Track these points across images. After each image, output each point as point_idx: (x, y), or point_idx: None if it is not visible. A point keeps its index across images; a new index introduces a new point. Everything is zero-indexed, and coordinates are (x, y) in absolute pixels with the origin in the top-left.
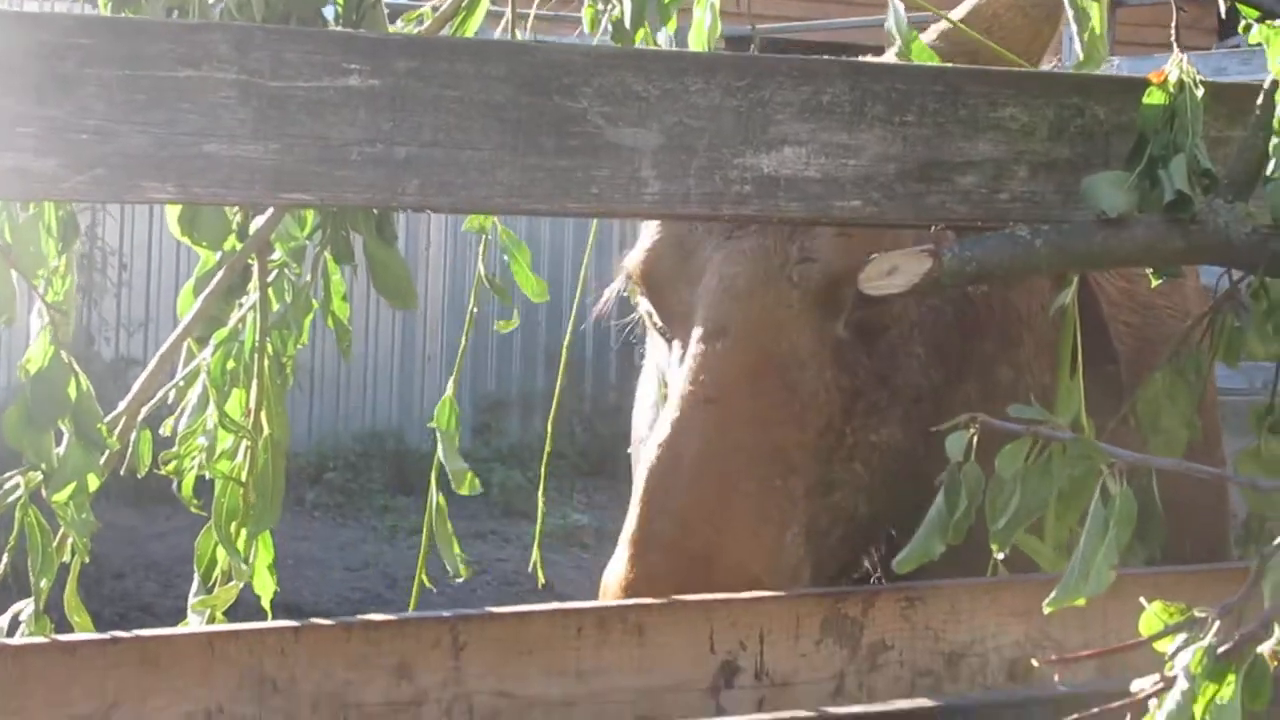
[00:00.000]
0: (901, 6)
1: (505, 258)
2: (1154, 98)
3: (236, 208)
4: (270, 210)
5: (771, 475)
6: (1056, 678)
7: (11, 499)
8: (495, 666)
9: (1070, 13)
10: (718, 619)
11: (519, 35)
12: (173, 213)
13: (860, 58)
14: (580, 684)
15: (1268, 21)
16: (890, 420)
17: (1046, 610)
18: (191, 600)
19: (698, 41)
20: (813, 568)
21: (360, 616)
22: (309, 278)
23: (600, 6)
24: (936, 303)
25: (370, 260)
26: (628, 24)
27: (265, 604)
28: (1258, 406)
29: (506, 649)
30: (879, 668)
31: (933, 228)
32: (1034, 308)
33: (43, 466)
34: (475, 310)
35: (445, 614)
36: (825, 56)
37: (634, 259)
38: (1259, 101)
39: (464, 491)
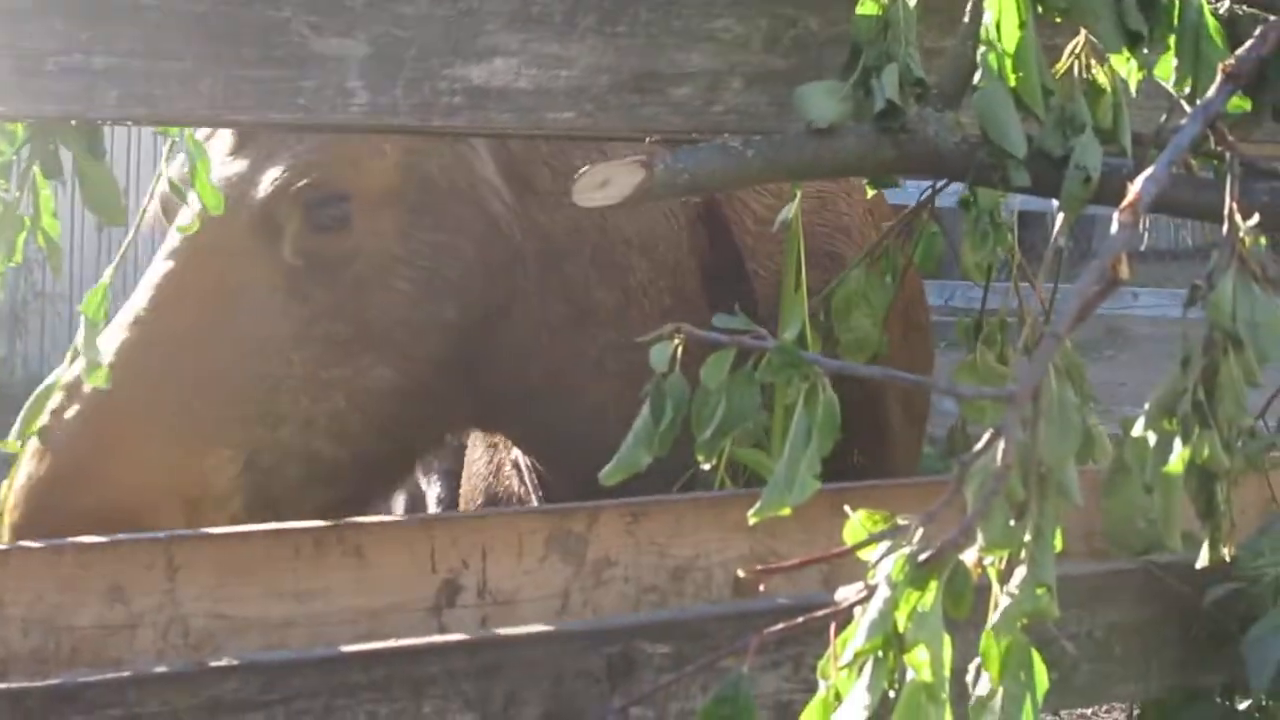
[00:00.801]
0: None
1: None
2: (867, 8)
3: None
4: None
5: (193, 398)
6: (762, 588)
7: None
8: (211, 588)
9: None
10: (439, 538)
11: None
12: None
13: None
14: (299, 605)
15: None
16: (363, 357)
17: (752, 520)
18: None
19: None
20: (256, 501)
21: (71, 539)
22: (18, 194)
23: None
24: (444, 237)
25: (80, 176)
26: None
27: None
28: (965, 321)
29: (223, 570)
30: (604, 584)
31: (646, 139)
32: (654, 232)
33: None
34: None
35: (160, 535)
36: None
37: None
38: (967, 9)
39: (95, 383)
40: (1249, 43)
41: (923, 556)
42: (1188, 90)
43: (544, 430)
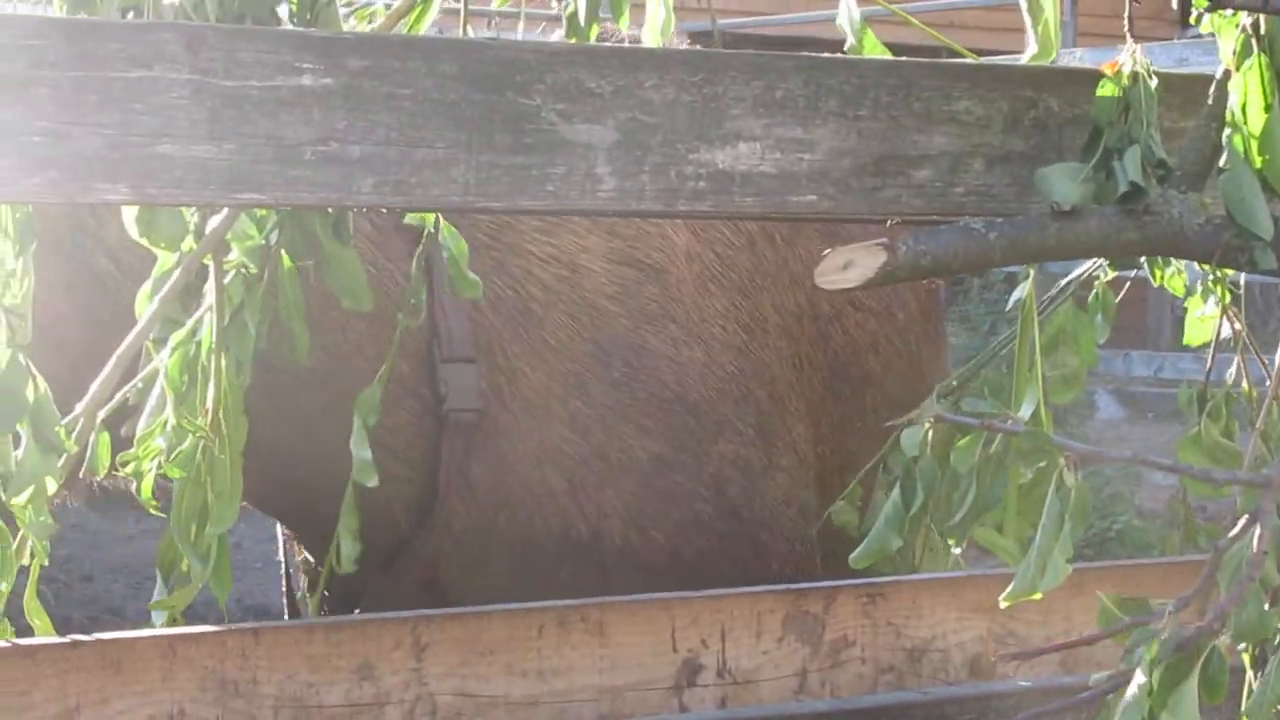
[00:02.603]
0: (854, 2)
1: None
2: (1107, 89)
3: (193, 208)
4: (226, 210)
5: None
6: (1017, 672)
7: None
8: (457, 667)
9: (1024, 3)
10: (679, 617)
11: (473, 33)
12: (130, 213)
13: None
14: (542, 683)
15: (1218, 10)
16: None
17: (1003, 605)
18: (152, 601)
19: (651, 36)
20: None
21: (322, 618)
22: (265, 278)
23: (555, 4)
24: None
25: (327, 260)
26: (581, 19)
27: (222, 604)
28: (1188, 391)
29: (468, 649)
30: (841, 664)
31: (888, 222)
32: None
33: (0, 469)
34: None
35: (406, 614)
36: (779, 53)
37: None
38: (1211, 91)
39: (364, 482)
40: None
41: (1179, 643)
42: None
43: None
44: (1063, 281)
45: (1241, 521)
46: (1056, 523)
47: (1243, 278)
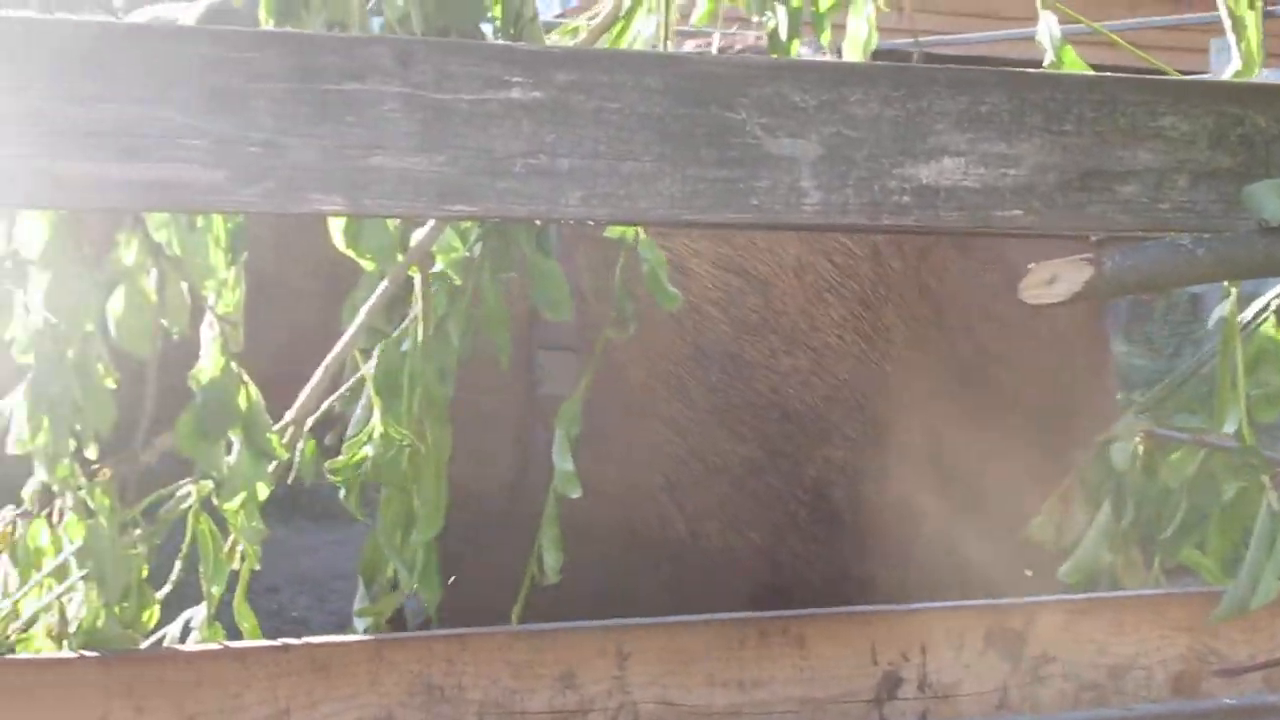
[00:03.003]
0: (1054, 18)
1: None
2: None
3: (395, 220)
4: (431, 222)
5: None
6: (1221, 691)
7: (184, 506)
8: (659, 676)
9: (1228, 22)
10: (880, 630)
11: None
12: (336, 226)
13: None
14: (743, 694)
15: None
16: None
17: (1212, 623)
18: (356, 608)
19: (853, 53)
20: None
21: (526, 625)
22: (469, 289)
23: (755, 19)
24: None
25: (531, 271)
26: (783, 35)
27: (431, 612)
28: None
29: (669, 658)
30: (1042, 680)
31: (1092, 238)
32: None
33: (214, 475)
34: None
35: (609, 623)
36: (984, 68)
37: None
38: None
39: (567, 493)
40: None
41: None
42: None
43: None
44: (1262, 300)
45: None
46: (1268, 540)
47: None
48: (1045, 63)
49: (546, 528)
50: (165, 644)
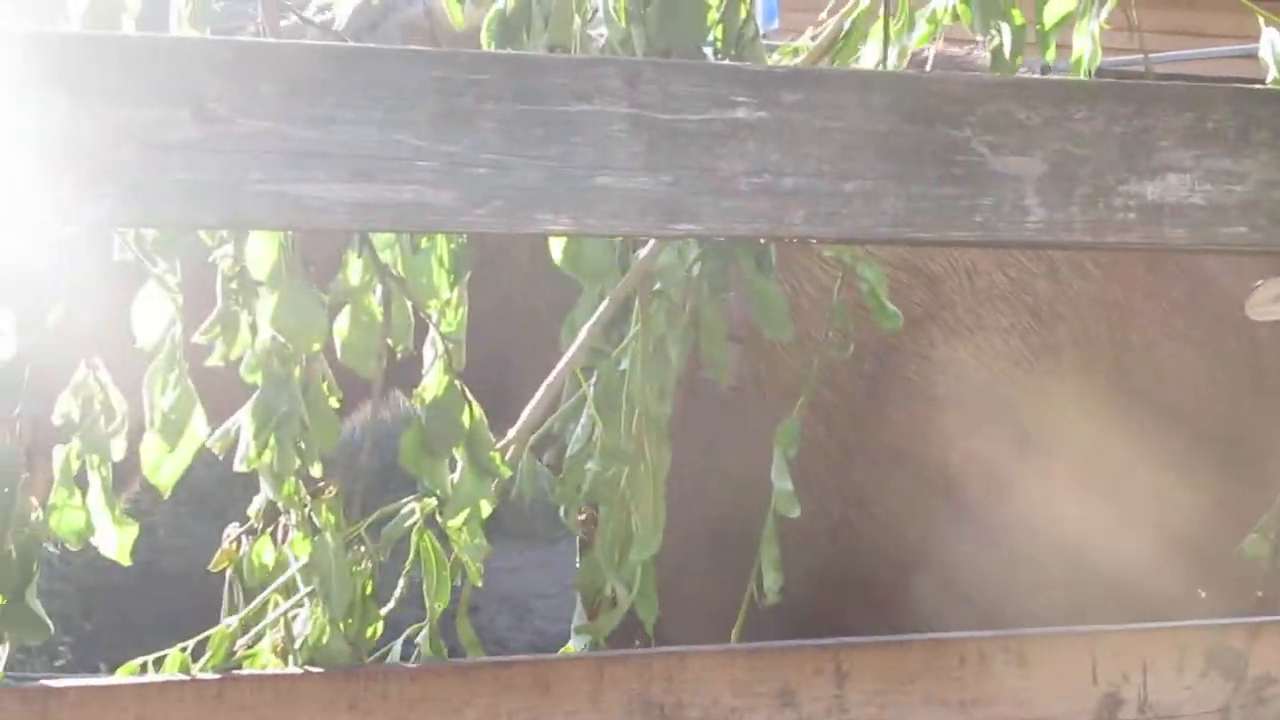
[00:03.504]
0: (1277, 34)
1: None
2: None
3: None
4: (651, 242)
5: None
6: None
7: (408, 524)
8: (876, 694)
9: None
10: (1100, 650)
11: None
12: (556, 246)
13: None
14: (963, 713)
15: None
16: None
17: None
18: (574, 625)
19: (1077, 70)
20: None
21: (745, 644)
22: (687, 308)
23: (979, 38)
24: None
25: (750, 290)
26: (1006, 53)
27: (648, 629)
28: None
29: (888, 677)
30: (1265, 701)
31: None
32: None
33: (438, 492)
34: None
35: (827, 641)
36: (1210, 85)
37: None
38: None
39: (786, 513)
40: None
41: None
42: None
43: None
44: None
45: None
46: None
47: None
48: (1269, 79)
49: (766, 547)
50: (389, 660)
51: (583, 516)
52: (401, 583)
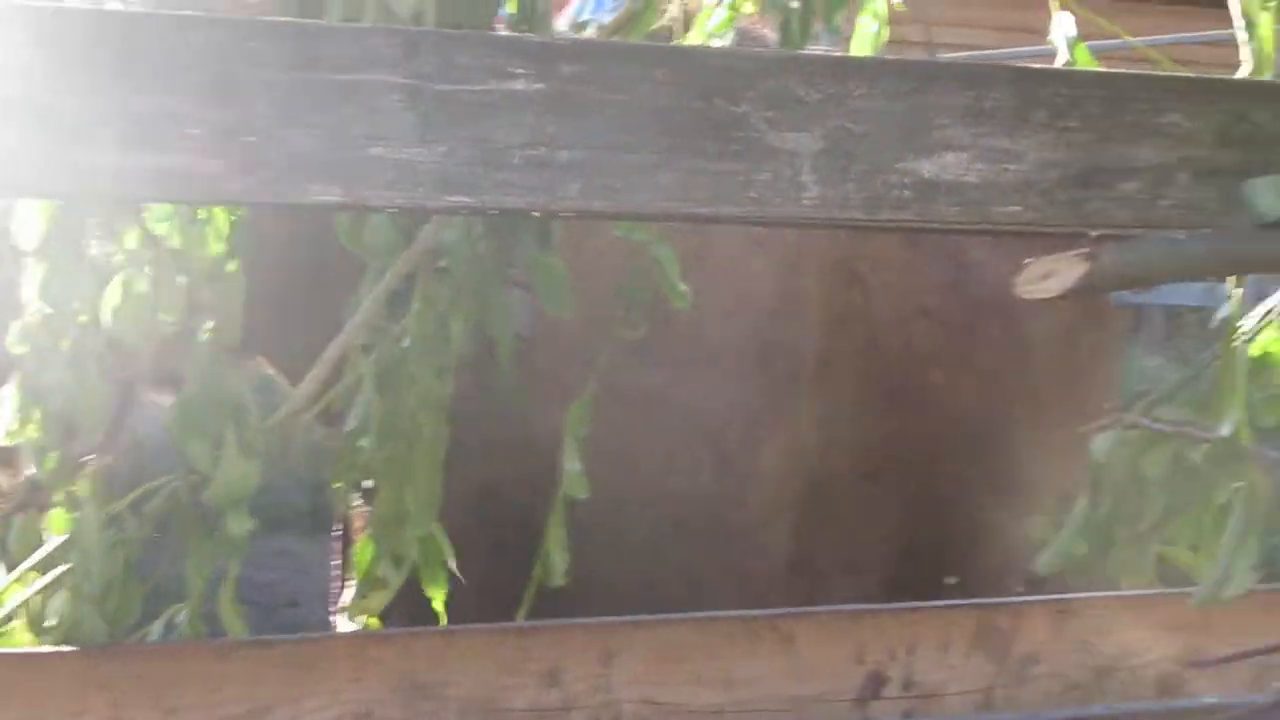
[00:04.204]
0: (1070, 18)
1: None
2: None
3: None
4: (434, 218)
5: None
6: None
7: (171, 501)
8: (643, 675)
9: (1239, 21)
10: (867, 629)
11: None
12: (340, 223)
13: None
14: (728, 692)
15: None
16: None
17: (1192, 608)
18: (346, 604)
19: (861, 48)
20: None
21: (512, 623)
22: (469, 284)
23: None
24: None
25: (533, 267)
26: (794, 28)
27: (437, 606)
28: None
29: (656, 657)
30: (1027, 680)
31: (1092, 234)
32: None
33: (201, 469)
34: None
35: (598, 620)
36: (990, 63)
37: None
38: None
39: (574, 494)
40: None
41: None
42: None
43: None
44: (1268, 302)
45: None
46: (1241, 532)
47: None
48: (1059, 62)
49: (553, 529)
50: (147, 640)
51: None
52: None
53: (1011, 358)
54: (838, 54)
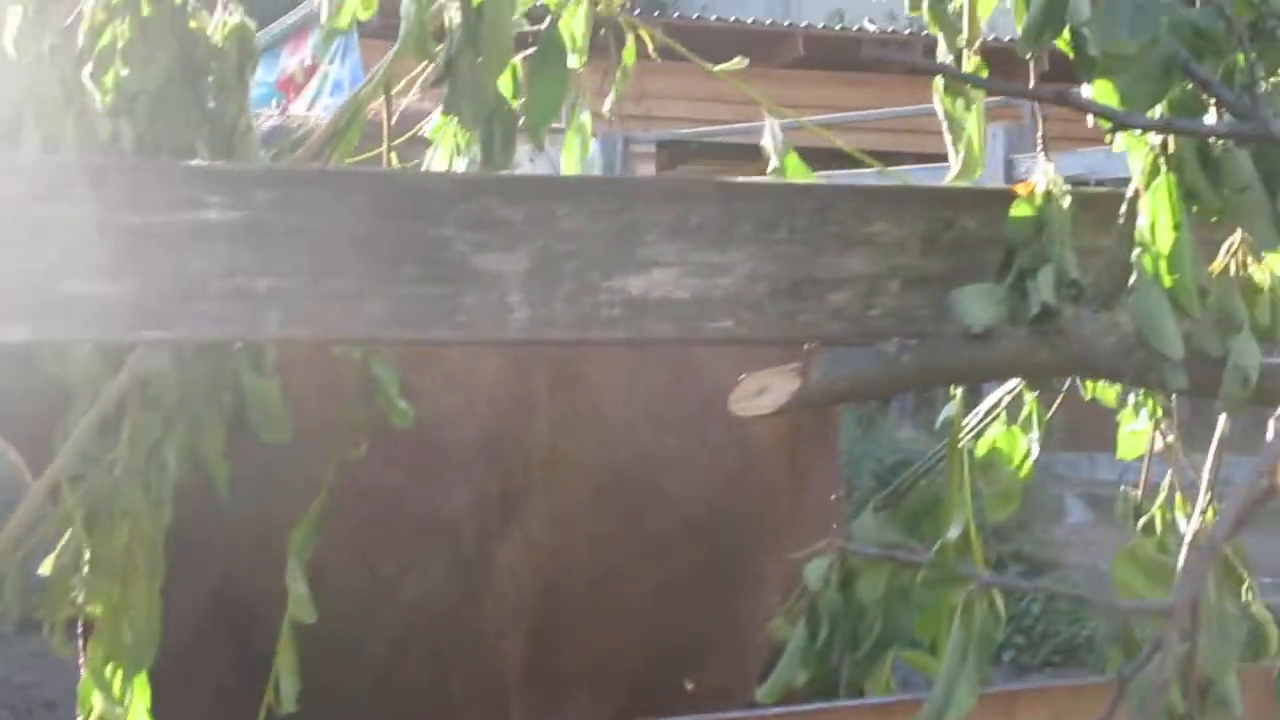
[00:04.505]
0: (777, 125)
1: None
2: (1021, 209)
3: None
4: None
5: None
6: None
7: None
8: None
9: (944, 124)
10: None
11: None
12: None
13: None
14: None
15: (1125, 129)
16: None
17: None
18: None
19: (569, 164)
20: None
21: None
22: (182, 410)
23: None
24: None
25: (245, 392)
26: (496, 147)
27: None
28: (1124, 506)
29: None
30: None
31: (805, 346)
32: None
33: None
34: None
35: None
36: (695, 176)
37: None
38: (1122, 210)
39: (300, 619)
40: None
41: None
42: None
43: None
44: (991, 399)
45: (1146, 647)
46: (961, 653)
47: None
48: (769, 169)
49: (283, 654)
50: None
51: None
52: None
53: (741, 455)
54: (540, 174)
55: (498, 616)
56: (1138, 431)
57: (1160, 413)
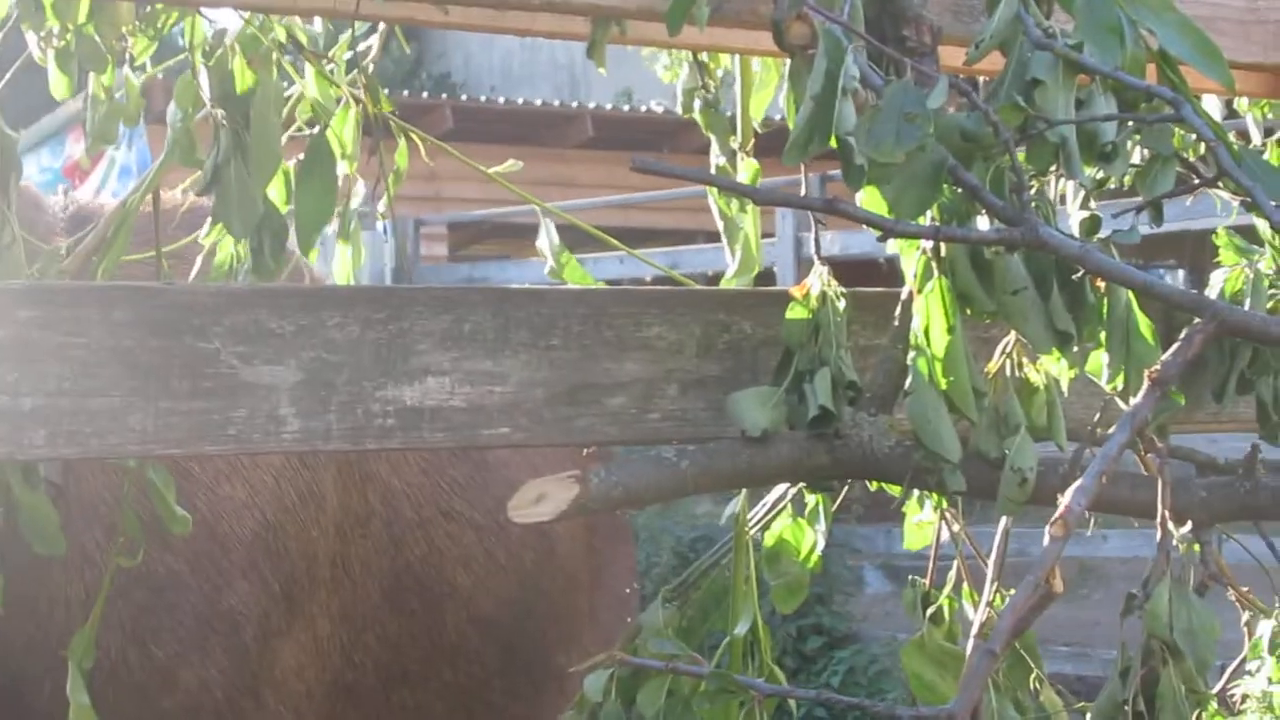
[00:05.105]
0: (554, 227)
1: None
2: (797, 312)
3: None
4: None
5: None
6: None
7: None
8: None
9: (720, 224)
10: None
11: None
12: None
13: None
14: None
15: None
16: None
17: None
18: None
19: (342, 275)
20: None
21: None
22: None
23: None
24: None
25: (17, 507)
26: (267, 255)
27: None
28: (910, 593)
29: None
30: None
31: (584, 451)
32: None
33: None
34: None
35: None
36: (467, 285)
37: None
38: (897, 313)
39: None
40: (1175, 347)
41: None
42: (1120, 385)
43: None
44: (775, 493)
45: None
46: None
47: None
48: (546, 270)
49: None
50: None
51: None
52: None
53: (539, 551)
54: (307, 285)
55: (282, 715)
56: (924, 523)
57: (945, 503)
